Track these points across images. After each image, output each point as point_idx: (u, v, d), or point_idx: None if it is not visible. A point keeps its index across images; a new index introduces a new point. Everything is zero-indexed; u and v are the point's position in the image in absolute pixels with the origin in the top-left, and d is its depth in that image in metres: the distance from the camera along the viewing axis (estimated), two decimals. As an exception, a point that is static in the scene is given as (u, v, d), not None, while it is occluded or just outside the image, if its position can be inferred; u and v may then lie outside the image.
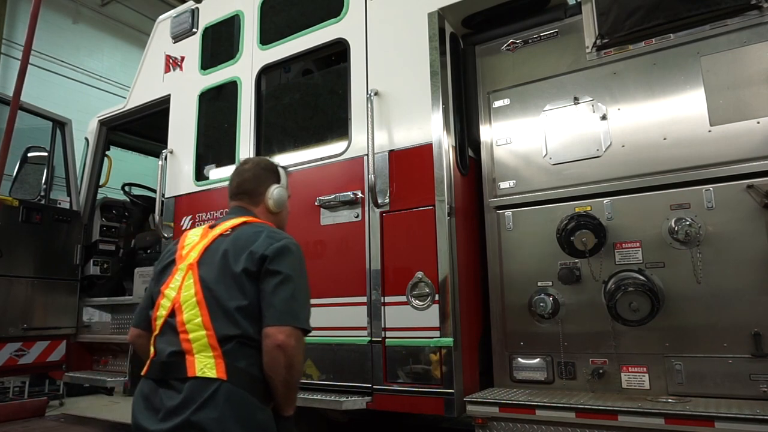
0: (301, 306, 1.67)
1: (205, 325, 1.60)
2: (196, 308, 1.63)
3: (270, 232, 1.76)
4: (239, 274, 1.64)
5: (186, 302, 1.65)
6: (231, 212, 1.96)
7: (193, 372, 1.55)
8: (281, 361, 1.58)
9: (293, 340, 1.59)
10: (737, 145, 2.40)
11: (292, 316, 1.62)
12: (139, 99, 4.65)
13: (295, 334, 1.61)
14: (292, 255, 1.71)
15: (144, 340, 1.85)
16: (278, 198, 1.99)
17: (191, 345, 1.59)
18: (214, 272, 1.67)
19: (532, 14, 3.04)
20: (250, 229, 1.77)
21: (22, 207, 4.46)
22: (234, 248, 1.70)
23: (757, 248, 2.32)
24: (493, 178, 3.00)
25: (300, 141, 3.59)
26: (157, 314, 1.72)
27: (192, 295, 1.65)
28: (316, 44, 3.46)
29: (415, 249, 2.83)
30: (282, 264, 1.66)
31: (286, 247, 1.70)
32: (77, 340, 4.78)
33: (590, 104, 2.76)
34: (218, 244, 1.74)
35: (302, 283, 1.71)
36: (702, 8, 2.49)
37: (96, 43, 11.26)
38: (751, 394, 2.26)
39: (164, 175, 4.09)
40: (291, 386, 1.66)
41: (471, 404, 2.56)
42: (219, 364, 1.56)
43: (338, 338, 2.99)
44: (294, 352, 1.59)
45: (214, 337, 1.59)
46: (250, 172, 2.00)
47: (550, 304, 2.65)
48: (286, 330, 1.58)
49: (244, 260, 1.66)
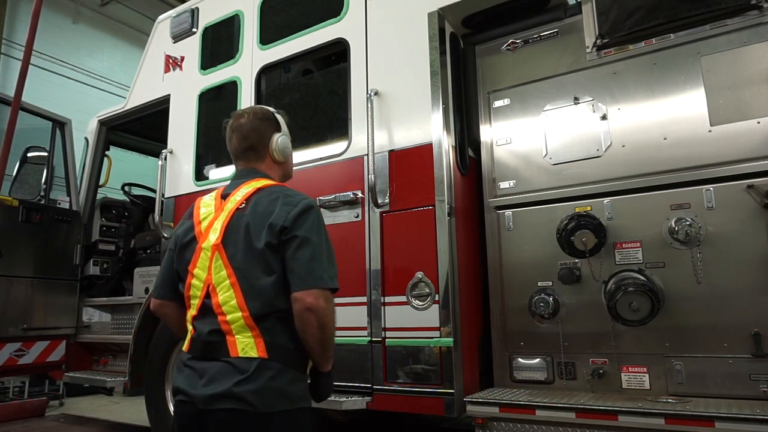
0: (323, 265, 1.66)
1: (240, 306, 1.63)
2: (231, 290, 1.65)
3: (285, 196, 1.75)
4: (263, 250, 1.65)
5: (219, 284, 1.67)
6: (239, 175, 1.92)
7: (235, 353, 1.60)
8: (313, 322, 1.61)
9: (321, 300, 1.61)
10: (737, 145, 2.40)
11: (315, 278, 1.63)
12: (138, 99, 4.64)
13: (323, 294, 1.62)
14: (308, 216, 1.71)
15: (169, 309, 1.89)
16: (283, 147, 1.95)
17: (230, 326, 1.63)
18: (240, 251, 1.68)
19: (532, 14, 3.03)
20: (266, 197, 1.75)
21: (21, 207, 4.46)
22: (254, 222, 1.70)
23: (757, 248, 2.31)
24: (493, 178, 3.00)
25: (300, 141, 3.57)
26: (190, 294, 1.74)
27: (225, 277, 1.67)
28: (316, 44, 3.46)
29: (415, 249, 2.83)
30: (299, 228, 1.67)
31: (302, 210, 1.70)
32: (77, 340, 4.78)
33: (590, 104, 2.76)
34: (237, 219, 1.73)
35: (321, 242, 1.70)
36: (702, 8, 2.49)
37: (96, 43, 11.25)
38: (751, 394, 2.26)
39: (164, 175, 4.09)
40: (326, 345, 1.69)
41: (471, 404, 2.56)
42: (259, 343, 1.61)
43: (338, 338, 2.96)
44: (324, 312, 1.62)
45: (250, 317, 1.62)
46: (248, 125, 1.92)
47: (550, 304, 2.65)
48: (313, 293, 1.61)
49: (265, 235, 1.66)
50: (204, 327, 1.67)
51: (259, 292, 1.64)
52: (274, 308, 1.64)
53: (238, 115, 1.98)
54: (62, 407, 6.80)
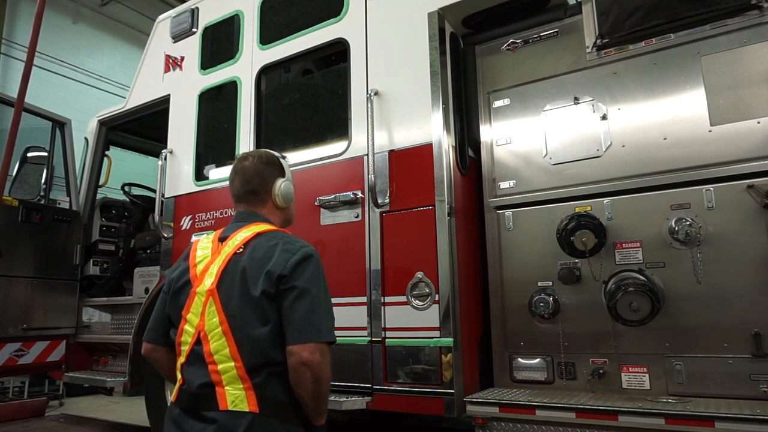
0: (322, 317, 1.60)
1: (233, 356, 1.56)
2: (223, 338, 1.58)
3: (285, 243, 1.69)
4: (259, 299, 1.59)
5: (211, 332, 1.61)
6: (239, 218, 1.87)
7: (225, 405, 1.53)
8: (308, 377, 1.55)
9: (318, 355, 1.55)
10: (737, 145, 2.40)
11: (313, 331, 1.56)
12: (138, 99, 4.64)
13: (320, 348, 1.56)
14: (308, 265, 1.64)
15: (160, 354, 1.83)
16: (286, 193, 1.91)
17: (220, 377, 1.56)
18: (235, 298, 1.62)
19: (532, 14, 3.03)
20: (265, 243, 1.69)
21: (21, 207, 4.46)
22: (251, 269, 1.64)
23: (757, 248, 2.31)
24: (493, 178, 2.99)
25: (300, 141, 3.59)
26: (182, 340, 1.68)
27: (217, 324, 1.60)
28: (316, 44, 3.46)
29: (415, 249, 2.82)
30: (298, 278, 1.60)
31: (302, 259, 1.64)
32: (77, 340, 4.78)
33: (590, 104, 2.76)
34: (234, 264, 1.67)
35: (320, 293, 1.64)
36: (702, 8, 2.49)
37: (96, 43, 11.25)
38: (751, 394, 2.26)
39: (164, 175, 4.09)
40: (320, 399, 1.63)
41: (471, 404, 2.55)
42: (250, 396, 1.54)
43: (338, 338, 2.98)
44: (320, 367, 1.55)
45: (243, 368, 1.55)
46: (252, 169, 1.88)
47: (550, 304, 2.65)
48: (309, 347, 1.54)
49: (261, 282, 1.60)
50: (193, 377, 1.61)
51: (254, 342, 1.57)
52: (269, 359, 1.57)
53: (242, 157, 1.94)
54: (62, 407, 6.80)
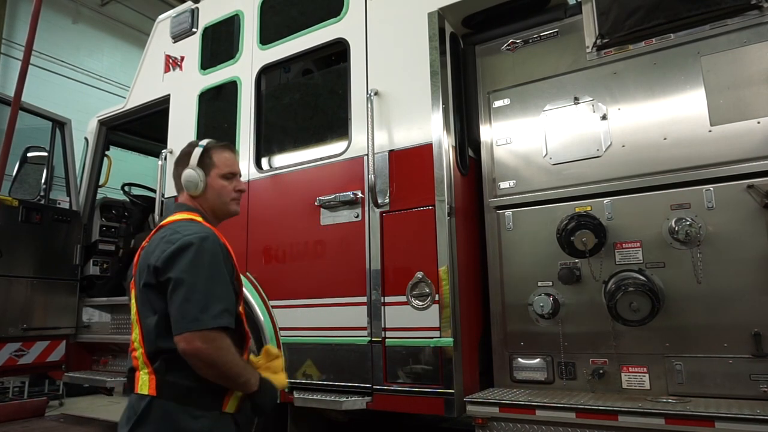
0: (198, 305, 1.58)
1: (140, 343, 1.69)
2: (137, 327, 1.71)
3: (170, 234, 1.70)
4: (144, 290, 1.68)
5: (132, 320, 1.75)
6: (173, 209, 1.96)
7: (137, 388, 1.66)
8: (198, 364, 1.58)
9: (199, 342, 1.55)
10: (737, 145, 2.40)
11: (190, 320, 1.56)
12: (138, 99, 4.64)
13: (201, 336, 1.55)
14: (184, 255, 1.63)
15: None
16: (187, 182, 1.89)
17: (138, 362, 1.69)
18: (137, 289, 1.73)
19: (532, 14, 3.03)
20: (159, 235, 1.75)
21: (21, 207, 4.45)
22: (141, 262, 1.74)
23: (757, 248, 2.31)
24: (493, 178, 2.99)
25: (300, 141, 3.59)
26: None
27: (134, 313, 1.74)
28: (316, 44, 3.46)
29: (415, 249, 2.82)
30: (172, 269, 1.62)
31: (178, 249, 1.63)
32: (77, 340, 4.78)
33: (590, 104, 2.76)
34: (143, 256, 1.76)
35: (199, 280, 1.61)
36: (702, 8, 2.49)
37: (96, 43, 11.26)
38: (751, 394, 2.26)
39: (164, 175, 4.09)
40: (228, 378, 1.64)
41: (471, 404, 2.55)
42: (151, 380, 1.63)
43: (338, 338, 2.99)
44: (206, 352, 1.55)
45: (145, 354, 1.67)
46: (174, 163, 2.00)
47: (550, 304, 2.65)
48: (185, 337, 1.56)
49: (146, 275, 1.68)
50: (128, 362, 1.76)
51: (148, 331, 1.66)
52: (159, 347, 1.64)
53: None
54: (62, 407, 6.80)
